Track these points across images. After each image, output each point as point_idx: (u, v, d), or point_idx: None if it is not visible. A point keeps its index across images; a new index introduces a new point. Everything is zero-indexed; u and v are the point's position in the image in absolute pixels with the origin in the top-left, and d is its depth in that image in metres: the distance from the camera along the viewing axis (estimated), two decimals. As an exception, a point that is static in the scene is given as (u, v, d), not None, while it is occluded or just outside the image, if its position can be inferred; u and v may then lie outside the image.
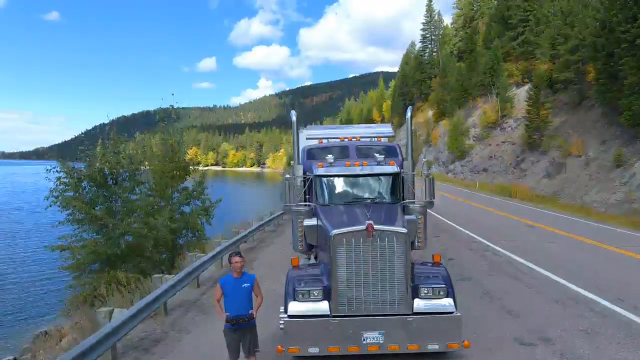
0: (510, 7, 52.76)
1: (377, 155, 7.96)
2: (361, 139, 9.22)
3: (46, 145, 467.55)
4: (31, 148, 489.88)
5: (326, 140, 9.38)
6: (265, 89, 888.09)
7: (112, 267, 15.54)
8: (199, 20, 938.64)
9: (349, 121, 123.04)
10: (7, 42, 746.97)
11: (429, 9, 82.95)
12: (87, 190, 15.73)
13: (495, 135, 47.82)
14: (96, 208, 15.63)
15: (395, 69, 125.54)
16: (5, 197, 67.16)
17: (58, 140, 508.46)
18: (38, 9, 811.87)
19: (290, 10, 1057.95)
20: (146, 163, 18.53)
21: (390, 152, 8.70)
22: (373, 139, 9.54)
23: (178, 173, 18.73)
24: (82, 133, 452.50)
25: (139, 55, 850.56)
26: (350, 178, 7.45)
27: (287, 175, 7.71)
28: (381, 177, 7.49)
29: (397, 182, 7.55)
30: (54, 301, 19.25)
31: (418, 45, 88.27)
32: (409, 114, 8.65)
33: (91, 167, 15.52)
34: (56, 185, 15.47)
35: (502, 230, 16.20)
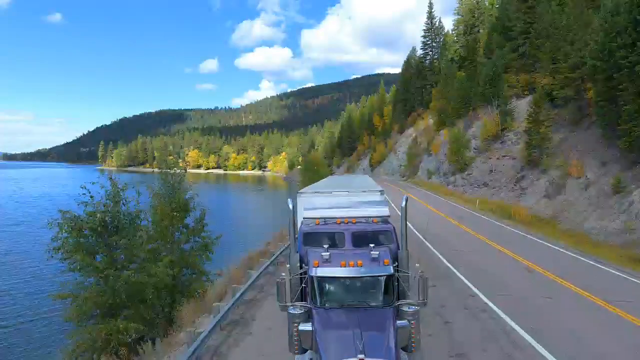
0: (511, 19, 52.63)
1: (372, 248, 8.05)
2: (357, 222, 9.31)
3: (48, 147, 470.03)
4: (33, 149, 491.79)
5: (323, 220, 9.48)
6: (267, 90, 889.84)
7: (112, 314, 15.76)
8: (201, 22, 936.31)
9: (349, 125, 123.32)
10: (9, 43, 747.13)
11: (430, 16, 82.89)
12: (88, 238, 15.93)
13: (495, 148, 47.85)
14: (97, 257, 15.85)
15: (397, 70, 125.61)
16: (12, 206, 67.80)
17: (60, 141, 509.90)
18: (41, 10, 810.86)
19: (292, 12, 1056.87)
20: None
21: (385, 237, 8.81)
22: (369, 219, 9.63)
23: (178, 214, 18.92)
24: (83, 134, 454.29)
25: (140, 57, 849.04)
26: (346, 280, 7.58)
27: (283, 275, 7.85)
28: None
29: (391, 282, 7.66)
30: (57, 340, 19.57)
31: (419, 51, 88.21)
32: (404, 203, 8.75)
33: (92, 216, 15.69)
34: (57, 234, 15.72)
35: (501, 277, 16.16)
